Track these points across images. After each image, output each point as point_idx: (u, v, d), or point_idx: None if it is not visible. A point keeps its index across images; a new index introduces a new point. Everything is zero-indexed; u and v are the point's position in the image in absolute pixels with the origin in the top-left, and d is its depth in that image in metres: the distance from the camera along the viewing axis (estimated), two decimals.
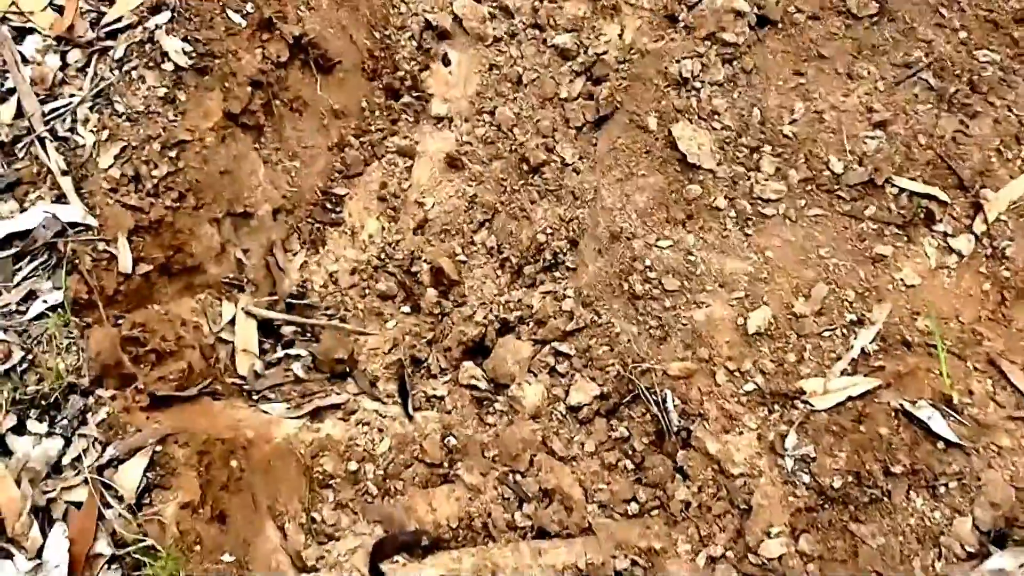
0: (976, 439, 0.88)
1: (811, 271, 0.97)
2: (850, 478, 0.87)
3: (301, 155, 1.11)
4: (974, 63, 1.03)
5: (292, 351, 1.03)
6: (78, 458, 0.83)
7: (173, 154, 0.98)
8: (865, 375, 0.92)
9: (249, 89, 1.05)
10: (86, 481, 0.83)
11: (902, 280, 0.96)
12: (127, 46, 1.02)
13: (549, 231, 1.06)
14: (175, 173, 0.98)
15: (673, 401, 0.94)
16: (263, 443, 0.92)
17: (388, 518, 0.92)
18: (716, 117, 1.02)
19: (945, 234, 0.97)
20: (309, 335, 1.05)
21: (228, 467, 0.87)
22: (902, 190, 0.99)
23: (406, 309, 1.09)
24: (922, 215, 0.98)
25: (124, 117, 0.98)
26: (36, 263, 0.92)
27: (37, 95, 0.98)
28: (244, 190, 1.04)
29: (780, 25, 1.06)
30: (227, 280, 1.04)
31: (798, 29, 1.06)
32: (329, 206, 1.12)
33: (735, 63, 1.04)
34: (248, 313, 1.02)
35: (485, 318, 1.05)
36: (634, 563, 0.89)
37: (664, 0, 1.09)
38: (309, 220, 1.11)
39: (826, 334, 0.94)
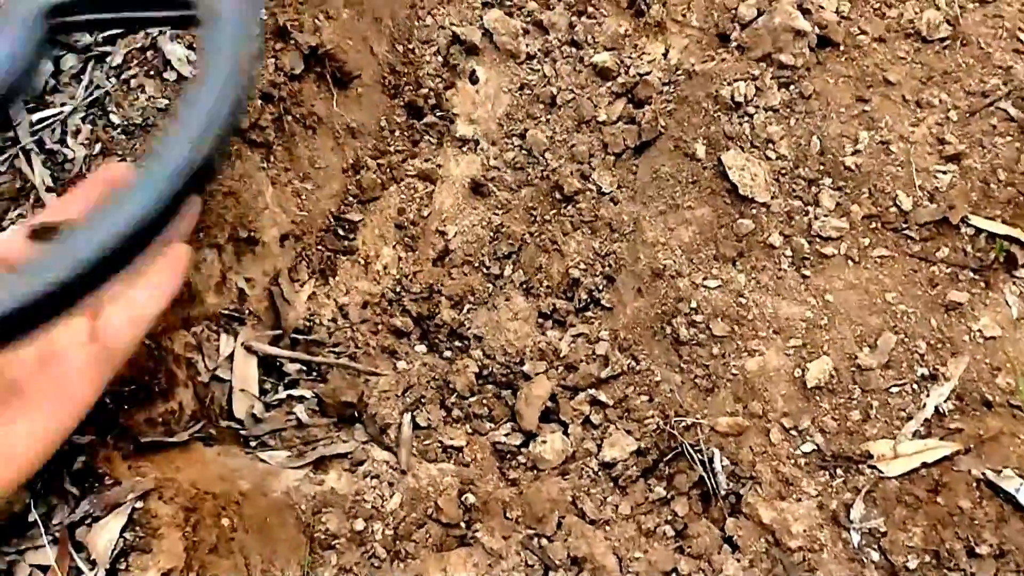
0: None
1: (877, 318, 0.87)
2: (927, 558, 0.77)
3: (313, 176, 1.02)
4: None
5: (295, 392, 0.93)
6: (47, 514, 0.74)
7: None
8: (941, 438, 0.81)
9: (259, 102, 0.96)
10: (55, 541, 0.73)
11: (980, 331, 0.86)
12: (127, 52, 0.93)
13: (583, 266, 0.97)
14: None
15: (721, 461, 0.83)
16: (259, 497, 0.81)
17: None
18: (771, 146, 0.93)
19: None
20: (315, 374, 0.95)
21: (218, 526, 0.77)
22: (979, 231, 0.89)
23: (422, 348, 0.99)
24: (1002, 259, 0.88)
25: (119, 129, 0.90)
26: None
27: (26, 103, 0.90)
28: (249, 213, 0.95)
29: (842, 47, 0.96)
30: (226, 312, 0.94)
31: (862, 52, 0.96)
32: (342, 232, 1.03)
33: (792, 87, 0.95)
34: (248, 349, 0.92)
35: (510, 360, 0.95)
36: None
37: (715, 17, 1.00)
38: (319, 247, 1.02)
39: (894, 390, 0.84)
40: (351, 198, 1.03)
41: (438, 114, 1.06)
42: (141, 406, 0.81)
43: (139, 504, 0.74)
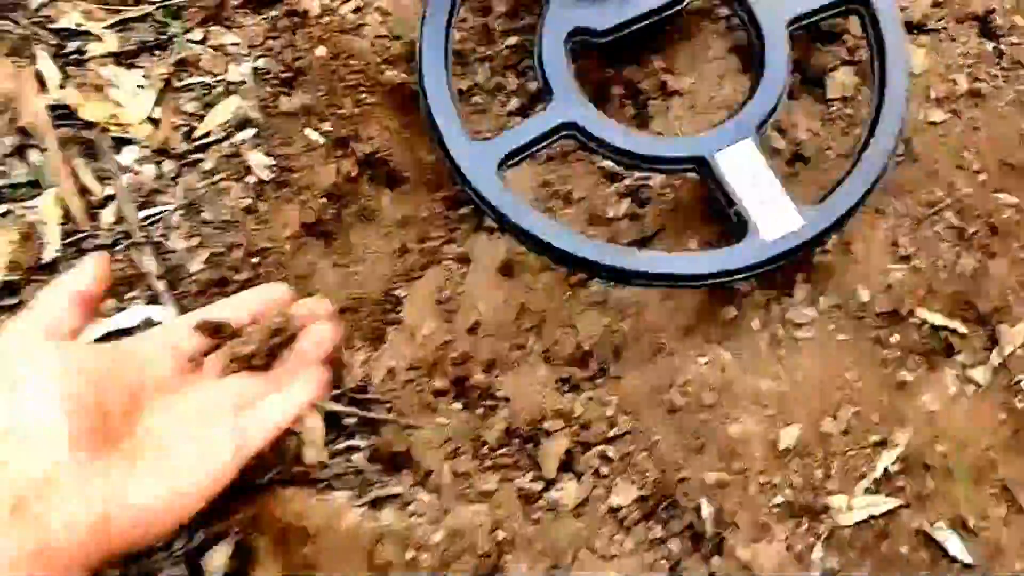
0: (990, 561, 0.95)
1: (838, 393, 1.04)
2: None
3: (366, 260, 1.20)
4: (994, 205, 1.11)
5: (354, 442, 1.10)
6: (166, 544, 0.92)
7: (255, 261, 1.07)
8: (887, 495, 0.99)
9: (323, 201, 1.14)
10: (175, 564, 0.91)
11: (923, 406, 1.03)
12: (216, 159, 1.11)
13: (594, 341, 1.14)
14: (256, 278, 1.07)
15: (708, 509, 1.01)
16: (330, 531, 0.99)
17: None
18: None
19: (964, 365, 1.05)
20: (370, 427, 1.13)
21: (302, 554, 0.95)
22: (924, 321, 1.06)
23: (458, 406, 1.16)
24: (942, 346, 1.06)
25: (211, 226, 1.07)
26: None
27: (134, 202, 1.08)
28: (315, 293, 1.13)
29: (810, 161, 1.15)
30: None
31: (829, 165, 1.15)
32: (390, 307, 1.20)
33: None
34: (314, 406, 1.10)
35: (533, 419, 1.12)
36: None
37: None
38: (371, 319, 1.20)
39: (851, 453, 1.01)
40: (398, 278, 1.21)
41: (472, 206, 1.23)
42: None
43: (239, 536, 0.92)
